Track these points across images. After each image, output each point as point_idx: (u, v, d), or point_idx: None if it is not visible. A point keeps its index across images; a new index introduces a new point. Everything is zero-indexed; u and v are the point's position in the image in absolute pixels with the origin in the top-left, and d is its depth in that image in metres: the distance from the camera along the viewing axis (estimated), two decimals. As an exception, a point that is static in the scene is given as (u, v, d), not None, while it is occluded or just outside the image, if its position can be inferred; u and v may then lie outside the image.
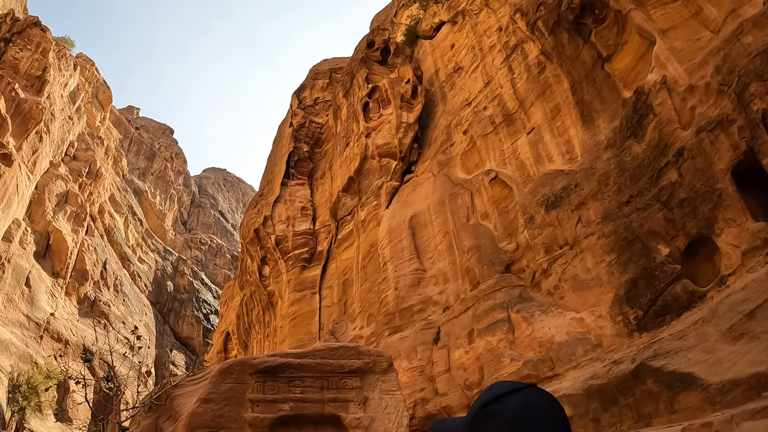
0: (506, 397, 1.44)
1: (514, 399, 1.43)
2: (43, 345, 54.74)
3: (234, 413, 12.28)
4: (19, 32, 59.03)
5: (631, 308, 16.95)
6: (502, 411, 1.42)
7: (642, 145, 18.18)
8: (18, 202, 54.37)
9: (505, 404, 1.43)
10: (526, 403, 1.41)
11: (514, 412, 1.40)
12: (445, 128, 32.22)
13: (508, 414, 1.40)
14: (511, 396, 1.44)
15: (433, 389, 23.32)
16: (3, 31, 57.23)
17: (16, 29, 58.90)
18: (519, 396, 1.43)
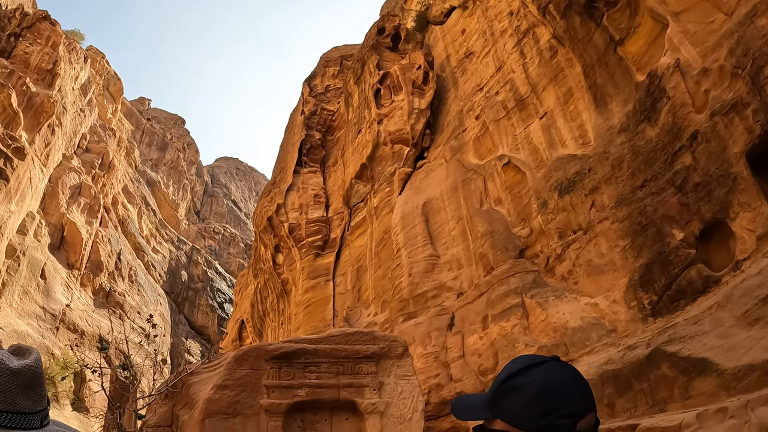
0: (529, 370, 1.44)
1: (537, 372, 1.43)
2: (59, 336, 55.27)
3: (250, 399, 12.37)
4: (29, 26, 59.20)
5: (646, 293, 16.90)
6: (526, 384, 1.42)
7: (656, 128, 18.05)
8: (32, 195, 54.76)
9: (528, 377, 1.43)
10: (549, 375, 1.41)
11: (538, 385, 1.40)
12: (457, 114, 32.10)
13: (531, 387, 1.40)
14: (535, 369, 1.44)
15: (448, 375, 23.38)
16: (13, 26, 57.44)
17: (26, 24, 59.08)
18: (542, 369, 1.43)
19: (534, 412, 1.38)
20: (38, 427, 1.39)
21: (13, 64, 55.34)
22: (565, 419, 1.36)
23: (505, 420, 1.45)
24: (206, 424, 11.92)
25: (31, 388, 1.39)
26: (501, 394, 1.48)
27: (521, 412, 1.41)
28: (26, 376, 1.38)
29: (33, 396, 1.40)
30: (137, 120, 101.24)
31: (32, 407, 1.39)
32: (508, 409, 1.45)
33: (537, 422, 1.37)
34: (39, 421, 1.40)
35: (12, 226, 50.54)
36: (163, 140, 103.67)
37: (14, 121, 51.09)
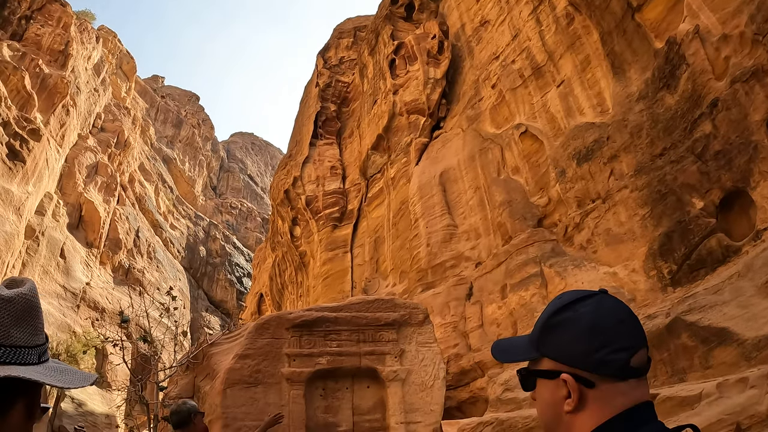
0: (578, 303, 1.37)
1: (586, 305, 1.35)
2: (80, 314, 56.05)
3: (271, 368, 12.44)
4: (39, 8, 59.14)
5: (665, 262, 16.87)
6: (575, 317, 1.34)
7: (675, 96, 17.86)
8: (48, 175, 55.17)
9: (577, 311, 1.35)
10: (600, 308, 1.33)
11: (589, 318, 1.32)
12: (473, 83, 31.87)
13: (581, 320, 1.33)
14: (583, 302, 1.36)
15: (467, 345, 23.54)
16: (23, 9, 57.39)
17: (36, 6, 59.00)
18: (592, 301, 1.35)
19: (586, 347, 1.31)
20: (36, 362, 1.33)
21: (25, 46, 55.43)
22: (620, 353, 1.29)
23: (553, 358, 1.38)
24: (227, 393, 12.05)
25: (25, 319, 1.33)
26: (548, 329, 1.39)
27: (571, 347, 1.33)
28: (20, 305, 1.32)
29: (28, 328, 1.33)
30: (151, 98, 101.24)
31: (28, 341, 1.33)
32: (557, 345, 1.37)
33: (589, 357, 1.30)
34: (37, 356, 1.34)
35: (30, 207, 51.00)
36: (177, 117, 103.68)
37: (29, 103, 51.32)
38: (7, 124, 47.50)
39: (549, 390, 1.38)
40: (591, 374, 1.30)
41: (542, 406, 1.41)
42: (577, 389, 1.30)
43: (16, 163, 48.59)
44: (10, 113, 48.00)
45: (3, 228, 45.74)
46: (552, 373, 1.36)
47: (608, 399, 1.29)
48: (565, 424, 1.34)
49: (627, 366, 1.28)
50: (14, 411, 1.29)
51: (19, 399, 1.30)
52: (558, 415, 1.36)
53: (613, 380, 1.29)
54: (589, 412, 1.30)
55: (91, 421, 49.39)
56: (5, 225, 46.11)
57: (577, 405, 1.31)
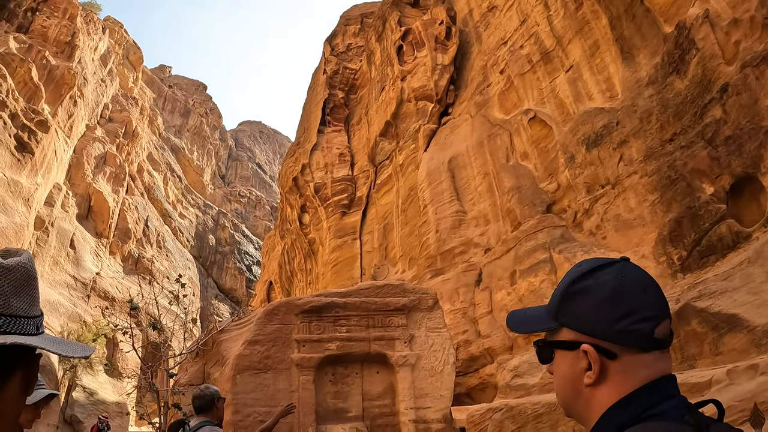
0: (599, 271, 1.30)
1: (608, 272, 1.28)
2: (91, 304, 56.45)
3: (281, 354, 12.45)
4: (45, 0, 59.15)
5: (675, 248, 16.81)
6: (596, 285, 1.28)
7: (685, 81, 17.74)
8: (57, 166, 55.43)
9: (597, 278, 1.28)
10: (622, 274, 1.27)
11: (611, 285, 1.25)
12: (481, 69, 31.74)
13: (603, 287, 1.26)
14: (605, 269, 1.29)
15: (476, 331, 23.58)
16: (29, 1, 57.44)
17: (42, -3, 59.14)
18: (614, 269, 1.28)
19: (608, 315, 1.25)
20: (34, 333, 1.31)
21: (31, 38, 55.49)
22: (644, 323, 1.23)
23: (572, 327, 1.31)
24: (237, 379, 12.08)
25: (24, 288, 1.32)
26: (568, 298, 1.33)
27: (592, 316, 1.27)
28: (19, 274, 1.31)
29: (27, 298, 1.32)
30: (159, 87, 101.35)
31: (27, 311, 1.31)
32: (577, 314, 1.30)
33: (612, 327, 1.24)
34: (35, 327, 1.33)
35: (39, 198, 51.27)
36: (185, 106, 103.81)
37: (36, 94, 51.46)
38: (15, 116, 47.67)
39: (568, 362, 1.33)
40: (613, 345, 1.25)
41: (560, 379, 1.36)
42: (598, 361, 1.25)
43: (25, 155, 48.80)
44: (17, 105, 48.15)
45: (12, 219, 45.99)
46: (572, 344, 1.31)
47: (630, 371, 1.24)
48: (585, 398, 1.30)
49: (651, 337, 1.23)
50: (11, 382, 1.26)
51: (18, 369, 1.28)
52: (577, 389, 1.31)
53: (636, 352, 1.24)
54: (610, 384, 1.25)
55: (102, 410, 49.79)
56: (15, 216, 46.36)
57: (597, 377, 1.26)
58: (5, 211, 45.37)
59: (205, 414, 4.40)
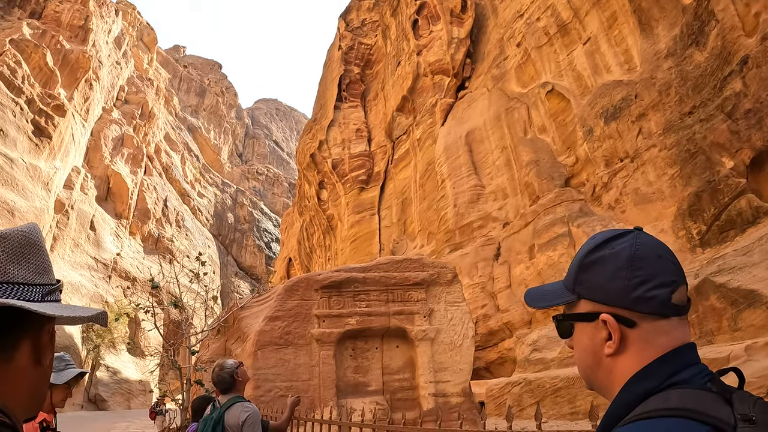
0: (614, 241, 1.30)
1: (622, 241, 1.29)
2: (112, 284, 57.39)
3: (301, 329, 12.53)
4: None
5: (695, 223, 16.72)
6: (612, 254, 1.28)
7: (704, 53, 17.52)
8: (75, 150, 56.05)
9: (613, 248, 1.29)
10: (637, 242, 1.27)
11: (627, 252, 1.26)
12: (497, 42, 31.48)
13: (619, 255, 1.26)
14: (620, 239, 1.30)
15: (495, 305, 23.64)
16: None
17: (53, -17, 59.24)
18: (628, 238, 1.29)
19: (625, 283, 1.24)
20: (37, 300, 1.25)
21: (44, 24, 55.78)
22: (661, 289, 1.23)
23: (590, 298, 1.31)
24: (259, 355, 12.17)
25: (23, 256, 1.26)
26: (584, 269, 1.32)
27: (610, 285, 1.27)
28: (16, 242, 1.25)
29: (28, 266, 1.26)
30: (173, 68, 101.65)
31: (28, 278, 1.25)
32: (594, 284, 1.30)
33: (629, 295, 1.24)
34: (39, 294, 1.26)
35: (58, 181, 51.92)
36: (200, 86, 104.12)
37: (51, 79, 51.84)
38: (31, 101, 48.10)
39: (587, 333, 1.32)
40: (632, 312, 1.25)
41: (581, 352, 1.36)
42: (618, 329, 1.25)
43: (42, 140, 49.34)
44: (33, 91, 48.56)
45: (33, 203, 46.59)
46: (591, 315, 1.31)
47: (651, 339, 1.24)
48: (606, 368, 1.30)
49: (669, 302, 1.23)
50: (19, 352, 1.21)
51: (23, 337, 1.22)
52: (598, 360, 1.31)
53: (655, 318, 1.24)
54: (631, 353, 1.25)
55: (126, 388, 50.71)
56: (35, 200, 46.96)
57: (618, 347, 1.26)
58: (25, 196, 45.94)
59: (230, 392, 4.49)
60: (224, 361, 4.59)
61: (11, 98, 45.94)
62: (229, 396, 4.46)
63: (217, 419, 4.27)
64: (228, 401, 4.37)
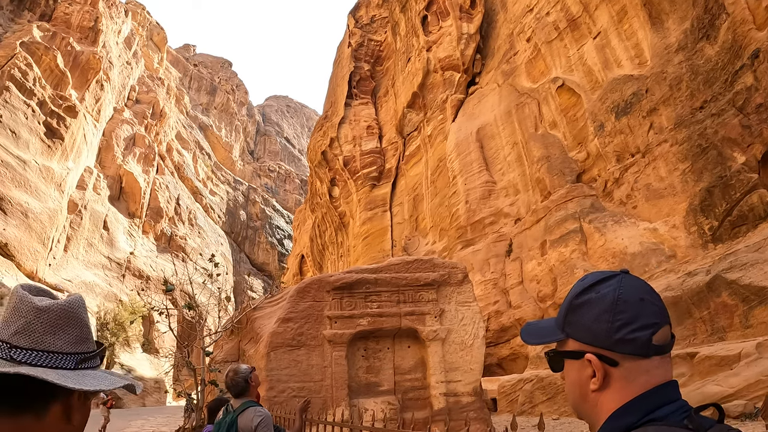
0: (600, 284, 1.37)
1: (608, 285, 1.35)
2: (126, 283, 57.85)
3: (313, 330, 12.59)
4: None
5: (706, 218, 16.63)
6: (597, 297, 1.35)
7: (715, 47, 17.40)
8: (87, 150, 56.50)
9: (599, 291, 1.36)
10: (621, 287, 1.34)
11: (611, 297, 1.33)
12: (507, 37, 31.39)
13: (604, 299, 1.34)
14: (605, 282, 1.37)
15: (507, 302, 23.62)
16: None
17: (63, -15, 59.60)
18: (614, 281, 1.35)
19: (608, 326, 1.32)
20: (71, 367, 1.34)
21: (54, 26, 56.12)
22: (642, 331, 1.30)
23: (577, 338, 1.39)
24: (272, 356, 12.23)
25: (60, 328, 1.34)
26: (572, 311, 1.40)
27: (594, 326, 1.35)
28: (55, 314, 1.33)
29: (64, 336, 1.34)
30: (184, 67, 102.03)
31: (63, 347, 1.33)
32: (580, 325, 1.39)
33: (612, 336, 1.32)
34: (73, 362, 1.35)
35: (71, 182, 52.38)
36: (211, 84, 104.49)
37: (62, 81, 52.20)
38: (42, 103, 48.48)
39: (575, 370, 1.41)
40: (614, 353, 1.32)
41: (570, 386, 1.44)
42: (602, 368, 1.33)
43: (55, 141, 49.76)
44: (45, 92, 48.94)
45: (46, 204, 47.01)
46: (577, 353, 1.39)
47: (632, 377, 1.31)
48: (591, 402, 1.38)
49: (650, 343, 1.30)
50: (50, 413, 1.32)
51: (55, 399, 1.32)
52: (585, 394, 1.39)
53: (636, 358, 1.31)
54: (613, 390, 1.33)
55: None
56: (48, 201, 47.36)
57: (602, 384, 1.33)
58: (38, 197, 46.34)
59: (244, 396, 4.56)
60: (238, 365, 4.66)
61: (23, 100, 46.27)
62: (242, 400, 4.53)
63: (231, 423, 4.35)
64: (241, 405, 4.44)
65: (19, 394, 1.28)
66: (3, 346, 1.31)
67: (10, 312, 1.35)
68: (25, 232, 44.29)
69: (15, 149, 44.96)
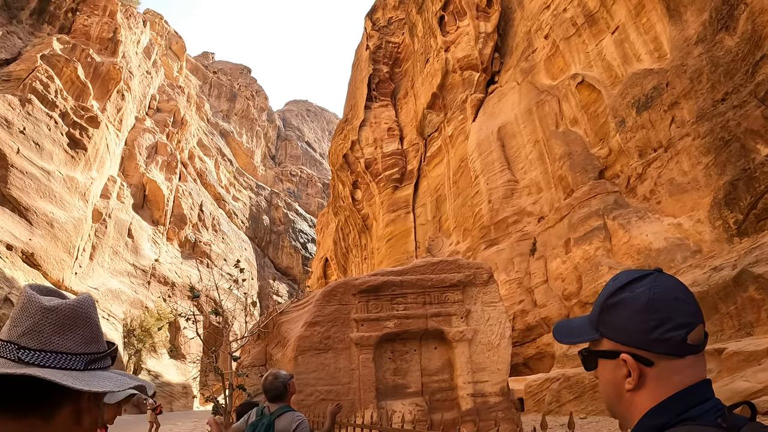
0: (634, 283, 1.40)
1: (642, 284, 1.38)
2: (151, 290, 58.50)
3: (340, 334, 12.65)
4: (84, 0, 60.44)
5: (731, 212, 16.46)
6: (632, 297, 1.37)
7: (734, 38, 17.24)
8: (110, 160, 57.31)
9: (633, 290, 1.38)
10: (656, 286, 1.36)
11: (645, 296, 1.35)
12: (525, 35, 31.31)
13: (638, 299, 1.36)
14: (639, 281, 1.39)
15: (532, 301, 23.56)
16: (68, 2, 58.74)
17: (80, -2, 60.45)
18: (648, 281, 1.38)
19: (643, 325, 1.34)
20: (80, 368, 1.33)
21: (74, 38, 56.88)
22: (677, 331, 1.32)
23: (611, 338, 1.41)
24: (299, 360, 12.31)
25: (69, 328, 1.33)
26: (606, 310, 1.43)
27: (629, 326, 1.37)
28: (63, 314, 1.33)
29: (73, 337, 1.33)
30: (203, 74, 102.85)
31: (72, 348, 1.33)
32: (615, 325, 1.41)
33: (647, 336, 1.34)
34: (82, 363, 1.34)
35: (95, 191, 53.13)
36: (231, 91, 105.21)
37: (84, 92, 52.97)
38: (65, 114, 49.23)
39: (610, 369, 1.43)
40: (649, 353, 1.34)
41: (604, 385, 1.46)
42: (637, 368, 1.35)
43: (78, 151, 50.51)
44: (67, 104, 49.70)
45: (71, 214, 47.69)
46: (612, 353, 1.41)
47: (666, 377, 1.34)
48: (626, 402, 1.40)
49: (684, 343, 1.32)
50: (59, 414, 1.31)
51: (64, 401, 1.32)
52: (619, 394, 1.41)
53: (671, 358, 1.33)
54: (648, 390, 1.35)
55: (168, 391, 51.63)
56: (73, 211, 48.05)
57: (637, 383, 1.36)
58: (63, 207, 47.01)
59: (280, 401, 4.64)
60: (278, 371, 4.75)
61: (45, 112, 46.98)
62: (279, 404, 4.60)
63: (268, 425, 4.43)
64: (279, 409, 4.53)
65: (26, 395, 1.28)
66: (11, 347, 1.30)
67: (17, 312, 1.34)
68: (51, 241, 44.92)
69: (39, 160, 45.64)
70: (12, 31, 51.60)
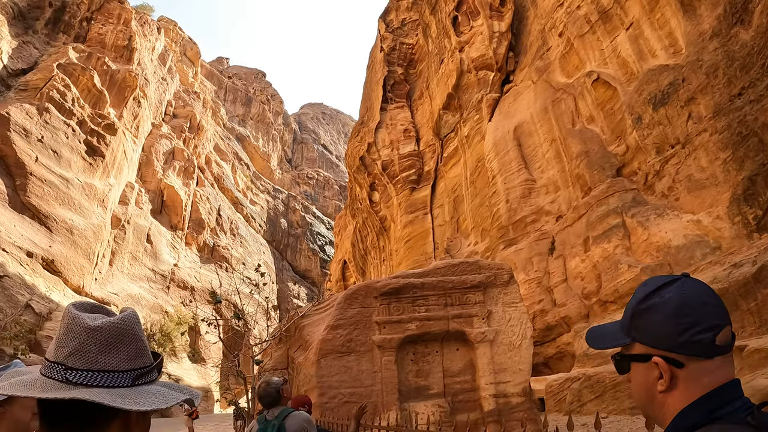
0: (663, 289, 1.45)
1: (671, 289, 1.44)
2: (171, 294, 59.06)
3: (362, 336, 12.72)
4: (98, 8, 61.25)
5: (750, 208, 16.35)
6: (661, 302, 1.43)
7: (750, 31, 17.14)
8: (128, 166, 58.05)
9: (662, 296, 1.44)
10: (684, 291, 1.42)
11: (674, 301, 1.41)
12: (539, 33, 31.25)
13: (668, 304, 1.42)
14: (668, 287, 1.45)
15: (551, 300, 23.53)
16: (83, 11, 59.31)
17: (95, 6, 61.07)
18: (676, 286, 1.44)
19: (673, 329, 1.40)
20: (128, 385, 1.36)
21: (89, 46, 57.46)
22: (705, 333, 1.38)
23: (643, 342, 1.48)
24: (322, 363, 12.39)
25: (114, 346, 1.35)
26: (637, 316, 1.49)
27: (660, 330, 1.43)
28: (107, 333, 1.35)
29: (119, 354, 1.36)
30: (218, 79, 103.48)
31: (118, 365, 1.35)
32: (646, 329, 1.47)
33: (677, 339, 1.39)
34: (129, 379, 1.37)
35: (114, 198, 53.79)
36: (246, 95, 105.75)
37: (100, 100, 53.57)
38: (82, 122, 49.84)
39: (642, 372, 1.49)
40: (679, 355, 1.40)
41: (637, 388, 1.53)
42: (668, 370, 1.42)
43: (96, 159, 51.15)
44: (84, 112, 50.32)
45: (90, 221, 48.27)
46: (644, 356, 1.48)
47: (697, 378, 1.40)
48: (659, 403, 1.46)
49: (713, 345, 1.38)
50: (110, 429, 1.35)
51: (114, 420, 1.36)
52: (652, 395, 1.48)
53: (701, 359, 1.39)
54: (679, 390, 1.41)
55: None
56: (92, 218, 48.63)
57: (669, 385, 1.42)
58: (82, 214, 47.58)
59: (275, 406, 4.79)
60: (270, 378, 4.91)
61: (63, 121, 47.57)
62: (278, 408, 4.76)
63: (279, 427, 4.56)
64: (282, 412, 4.70)
65: (78, 416, 1.32)
66: (59, 368, 1.33)
67: (63, 333, 1.36)
68: (71, 248, 45.47)
69: (57, 168, 46.24)
70: (28, 41, 52.19)
